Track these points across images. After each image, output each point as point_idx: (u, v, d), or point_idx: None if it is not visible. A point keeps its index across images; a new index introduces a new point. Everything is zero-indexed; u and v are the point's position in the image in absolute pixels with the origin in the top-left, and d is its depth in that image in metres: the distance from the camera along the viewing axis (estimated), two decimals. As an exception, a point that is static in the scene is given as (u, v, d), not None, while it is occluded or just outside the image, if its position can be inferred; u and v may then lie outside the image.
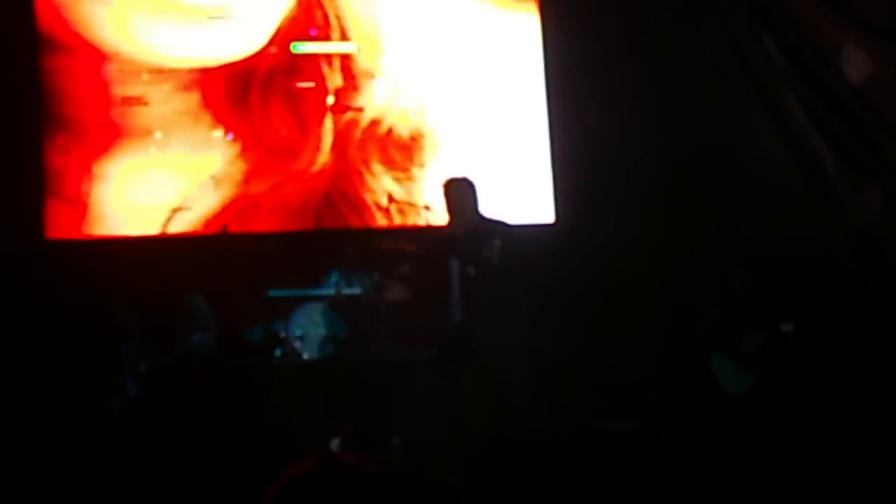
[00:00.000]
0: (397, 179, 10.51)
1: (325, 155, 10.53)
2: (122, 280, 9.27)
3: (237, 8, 10.44)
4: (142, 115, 10.22)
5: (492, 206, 8.76)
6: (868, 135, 8.94)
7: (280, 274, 9.92)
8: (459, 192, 7.97)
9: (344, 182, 10.53)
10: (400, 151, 10.61)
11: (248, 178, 10.35)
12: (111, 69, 10.16)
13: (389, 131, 10.62)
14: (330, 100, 10.48)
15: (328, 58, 10.53)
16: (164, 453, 7.63)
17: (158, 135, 10.22)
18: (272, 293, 9.78)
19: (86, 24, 10.17)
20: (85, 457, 8.28)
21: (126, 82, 10.19)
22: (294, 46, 10.35)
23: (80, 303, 9.24)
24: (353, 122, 10.58)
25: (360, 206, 10.50)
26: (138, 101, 10.18)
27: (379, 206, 10.44)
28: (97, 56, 10.17)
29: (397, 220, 10.45)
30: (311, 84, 10.47)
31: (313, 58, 10.54)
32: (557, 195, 10.60)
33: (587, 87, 10.54)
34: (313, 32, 10.50)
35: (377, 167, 10.56)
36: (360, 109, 10.57)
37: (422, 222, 10.31)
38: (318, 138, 10.51)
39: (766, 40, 9.34)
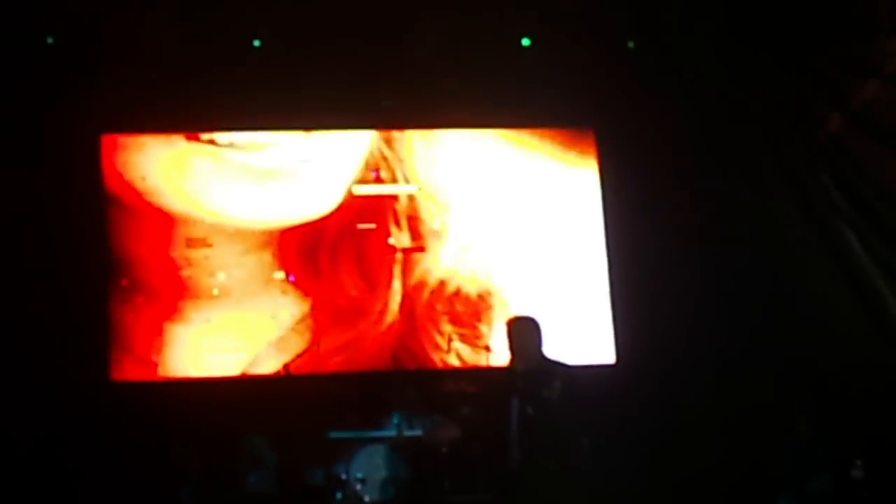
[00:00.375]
0: (464, 337, 10.59)
1: (393, 315, 10.68)
2: (183, 422, 9.35)
3: (305, 171, 10.71)
4: (208, 270, 10.47)
5: (554, 346, 8.33)
6: None
7: (341, 416, 9.87)
8: (523, 331, 7.78)
9: (411, 341, 10.68)
10: (467, 308, 10.74)
11: (317, 336, 10.52)
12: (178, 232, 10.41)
13: (457, 291, 10.78)
14: (398, 259, 10.65)
15: (396, 218, 10.71)
16: None
17: (220, 289, 10.44)
18: (333, 435, 9.67)
19: (152, 191, 10.43)
20: None
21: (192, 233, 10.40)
22: (354, 189, 10.49)
23: (141, 444, 9.35)
24: (422, 283, 10.72)
25: (426, 364, 10.66)
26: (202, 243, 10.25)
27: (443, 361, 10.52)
28: (164, 219, 10.40)
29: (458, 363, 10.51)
30: (380, 243, 10.70)
31: (382, 217, 10.74)
32: (618, 336, 10.62)
33: (646, 229, 10.60)
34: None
35: (445, 326, 10.66)
36: (428, 271, 10.74)
37: (483, 363, 10.39)
38: (387, 299, 10.65)
39: (824, 179, 9.57)
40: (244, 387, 10.12)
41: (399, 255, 10.75)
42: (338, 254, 10.69)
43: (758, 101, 10.29)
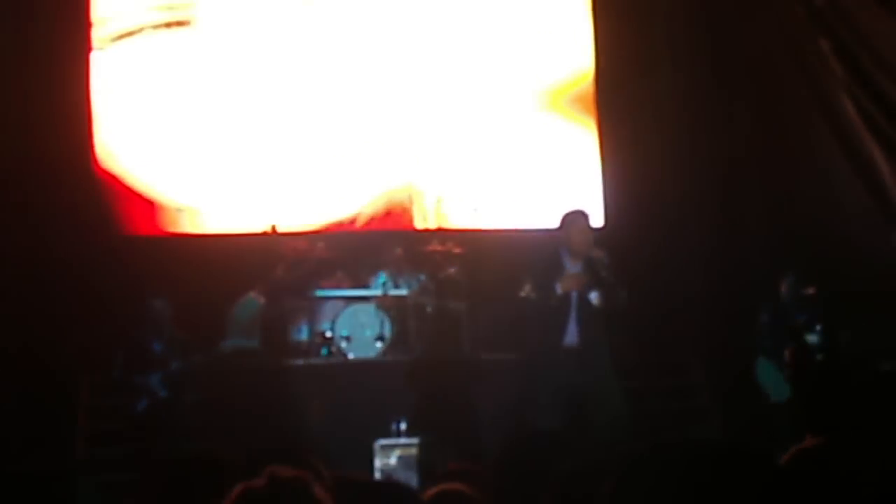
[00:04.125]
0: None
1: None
2: (164, 276, 9.31)
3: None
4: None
5: (543, 210, 9.02)
6: None
7: (327, 274, 9.93)
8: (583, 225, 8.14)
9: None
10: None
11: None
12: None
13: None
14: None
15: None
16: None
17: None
18: (319, 293, 9.79)
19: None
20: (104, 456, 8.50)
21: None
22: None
23: (118, 297, 9.31)
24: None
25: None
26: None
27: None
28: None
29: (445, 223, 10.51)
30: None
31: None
32: (606, 199, 10.62)
33: (639, 91, 10.48)
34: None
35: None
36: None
37: (469, 225, 10.42)
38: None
39: (822, 44, 9.42)
40: (230, 243, 10.09)
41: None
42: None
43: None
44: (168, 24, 10.18)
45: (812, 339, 8.92)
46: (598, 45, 10.67)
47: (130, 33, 10.19)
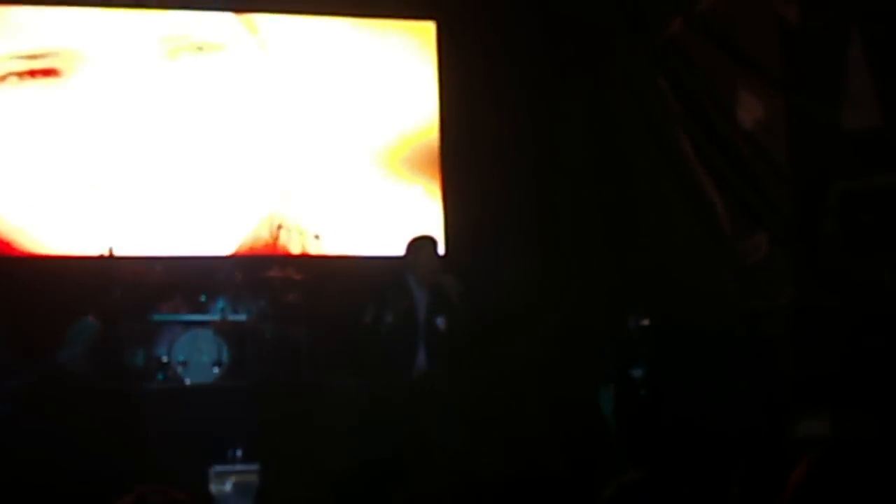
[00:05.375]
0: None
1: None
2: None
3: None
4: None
5: (384, 238, 9.22)
6: (757, 179, 9.16)
7: (165, 298, 9.80)
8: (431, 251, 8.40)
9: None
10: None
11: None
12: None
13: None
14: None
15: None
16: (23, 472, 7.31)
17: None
18: (156, 317, 9.67)
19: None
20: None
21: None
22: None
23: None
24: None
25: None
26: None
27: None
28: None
29: (287, 248, 10.42)
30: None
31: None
32: (448, 230, 10.62)
33: (482, 126, 10.63)
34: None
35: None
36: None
37: (312, 251, 10.39)
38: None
39: (661, 83, 9.61)
40: (67, 266, 9.89)
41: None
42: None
43: (600, 4, 10.36)
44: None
45: (637, 373, 8.97)
46: (442, 92, 10.76)
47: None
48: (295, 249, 10.30)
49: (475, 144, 10.56)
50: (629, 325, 9.26)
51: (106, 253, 9.56)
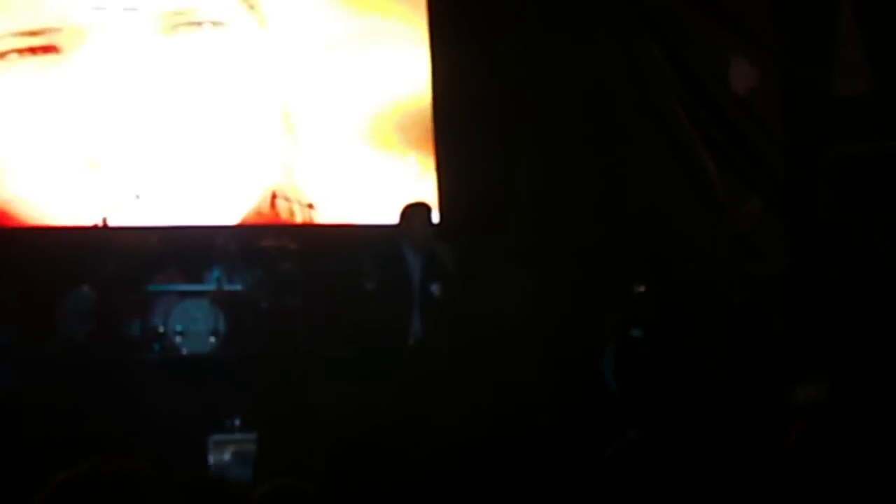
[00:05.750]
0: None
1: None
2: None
3: None
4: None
5: (377, 205, 9.12)
6: (749, 144, 9.25)
7: (161, 269, 9.78)
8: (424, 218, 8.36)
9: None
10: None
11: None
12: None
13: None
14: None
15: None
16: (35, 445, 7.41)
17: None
18: (152, 288, 9.63)
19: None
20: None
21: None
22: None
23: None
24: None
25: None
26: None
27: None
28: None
29: (282, 217, 10.30)
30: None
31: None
32: (442, 196, 10.51)
33: (475, 89, 10.47)
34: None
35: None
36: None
37: (306, 220, 10.25)
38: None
39: (654, 49, 9.57)
40: (61, 236, 9.82)
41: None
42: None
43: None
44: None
45: (636, 333, 8.91)
46: (434, 59, 10.65)
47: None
48: (290, 219, 10.24)
49: (469, 111, 10.43)
50: (631, 292, 9.29)
51: (100, 223, 9.50)
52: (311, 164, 10.41)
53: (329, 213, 10.22)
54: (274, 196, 10.05)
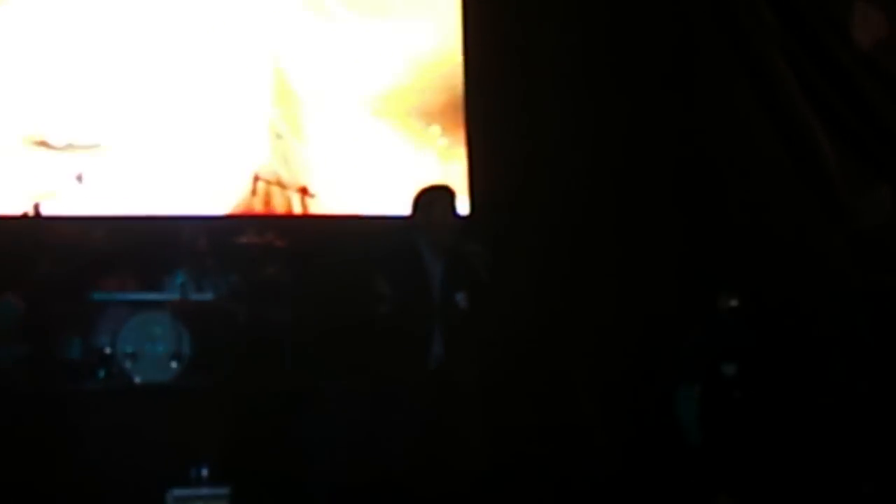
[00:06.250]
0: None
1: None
2: None
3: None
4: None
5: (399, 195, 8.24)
6: (877, 115, 8.52)
7: (108, 272, 9.03)
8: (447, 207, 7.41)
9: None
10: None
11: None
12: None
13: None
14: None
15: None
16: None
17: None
18: (97, 297, 8.92)
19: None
20: None
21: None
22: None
23: None
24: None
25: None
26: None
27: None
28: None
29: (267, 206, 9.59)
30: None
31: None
32: (473, 183, 9.74)
33: (517, 52, 9.62)
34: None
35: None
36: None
37: (298, 210, 9.54)
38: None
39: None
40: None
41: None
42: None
43: None
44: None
45: (729, 370, 8.01)
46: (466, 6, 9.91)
47: None
48: (277, 209, 9.53)
49: (509, 73, 9.62)
50: (717, 308, 8.22)
51: (30, 212, 8.70)
52: (308, 139, 9.67)
53: (328, 201, 9.58)
54: (256, 179, 9.34)
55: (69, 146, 9.34)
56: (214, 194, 9.48)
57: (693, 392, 8.04)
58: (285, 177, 9.56)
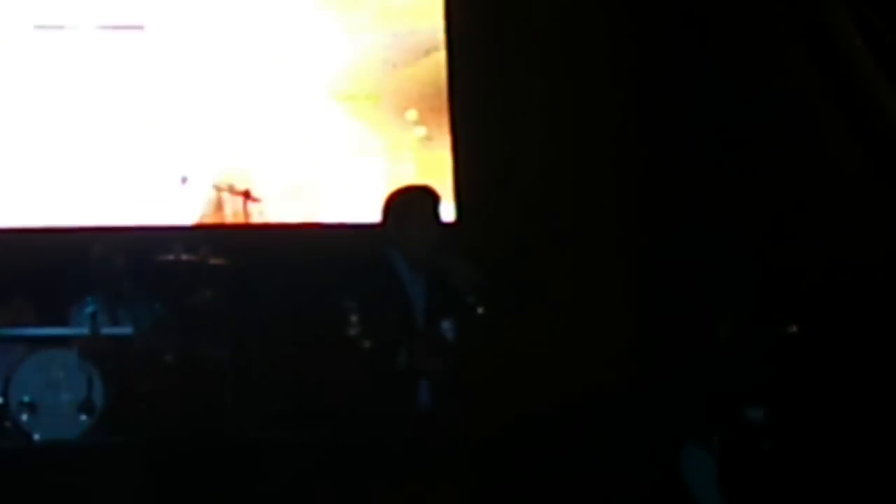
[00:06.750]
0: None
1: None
2: None
3: None
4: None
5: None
6: None
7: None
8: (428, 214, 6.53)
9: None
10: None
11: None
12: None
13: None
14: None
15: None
16: None
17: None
18: None
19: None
20: None
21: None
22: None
23: None
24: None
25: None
26: None
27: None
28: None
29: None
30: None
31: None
32: (459, 190, 8.96)
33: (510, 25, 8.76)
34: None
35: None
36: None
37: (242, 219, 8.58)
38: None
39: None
40: None
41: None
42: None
43: None
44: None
45: (756, 415, 7.01)
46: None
47: None
48: (214, 218, 8.65)
49: (503, 50, 8.83)
50: (725, 338, 7.34)
51: None
52: (255, 129, 8.77)
53: (280, 207, 8.74)
54: (183, 180, 8.44)
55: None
56: (139, 200, 8.54)
57: (706, 448, 7.05)
58: (226, 177, 8.47)
